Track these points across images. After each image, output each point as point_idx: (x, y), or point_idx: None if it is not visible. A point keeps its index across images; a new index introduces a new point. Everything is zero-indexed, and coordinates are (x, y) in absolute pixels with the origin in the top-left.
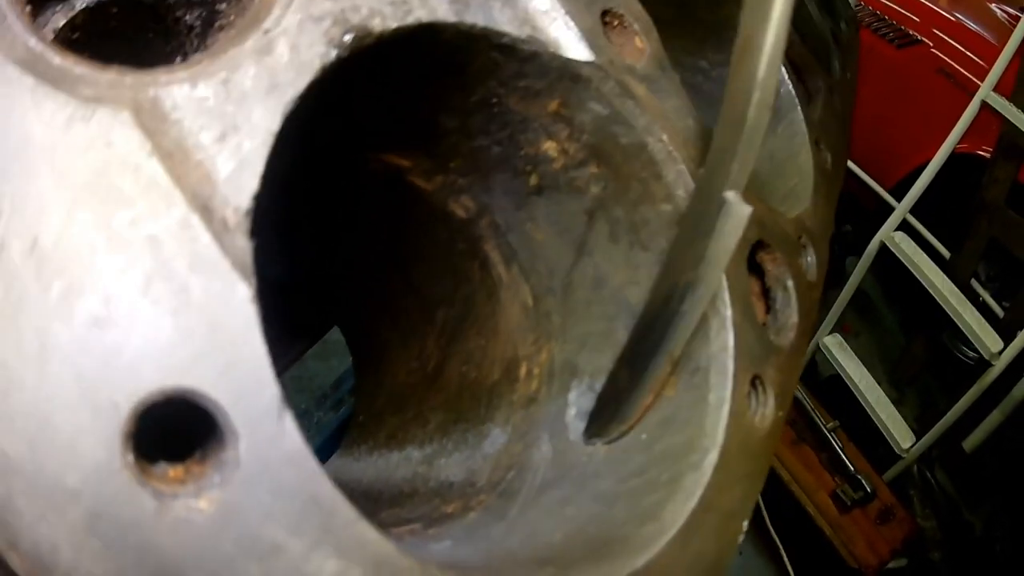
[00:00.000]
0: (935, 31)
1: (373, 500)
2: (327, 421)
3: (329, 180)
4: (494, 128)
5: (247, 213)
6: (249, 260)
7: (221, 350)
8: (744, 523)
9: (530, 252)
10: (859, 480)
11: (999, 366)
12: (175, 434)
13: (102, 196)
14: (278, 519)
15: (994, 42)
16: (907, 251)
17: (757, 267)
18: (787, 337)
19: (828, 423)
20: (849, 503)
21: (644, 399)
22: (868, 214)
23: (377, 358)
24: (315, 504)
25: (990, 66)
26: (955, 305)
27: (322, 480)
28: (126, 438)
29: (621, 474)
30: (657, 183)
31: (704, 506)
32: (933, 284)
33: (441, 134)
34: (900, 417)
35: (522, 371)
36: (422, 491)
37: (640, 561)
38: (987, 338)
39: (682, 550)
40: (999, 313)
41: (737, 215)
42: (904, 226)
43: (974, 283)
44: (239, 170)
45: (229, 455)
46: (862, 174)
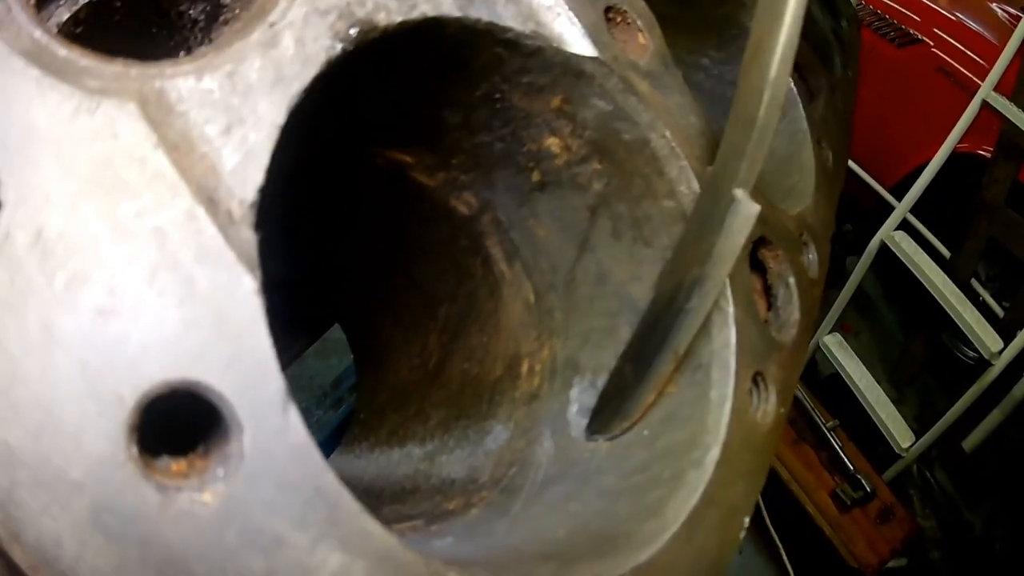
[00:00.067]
0: (936, 30)
1: (375, 497)
2: (327, 419)
3: (332, 175)
4: (497, 124)
5: (252, 206)
6: (254, 252)
7: (226, 342)
8: (746, 519)
9: (532, 248)
10: (859, 479)
11: (999, 366)
12: (178, 426)
13: (107, 187)
14: (282, 512)
15: (995, 41)
16: (907, 250)
17: (759, 264)
18: (789, 334)
19: (828, 422)
20: (849, 502)
21: (648, 396)
22: (868, 213)
23: (379, 355)
24: (320, 497)
25: (991, 65)
26: (955, 305)
27: (327, 473)
28: (130, 431)
29: (624, 470)
30: (660, 179)
31: (706, 502)
32: (933, 284)
33: (444, 130)
34: (900, 416)
35: (524, 368)
36: (424, 488)
37: (643, 556)
38: (987, 338)
39: (685, 545)
40: (999, 313)
41: (745, 213)
42: (904, 225)
43: (974, 283)
44: (244, 163)
45: (233, 448)
46: (862, 173)
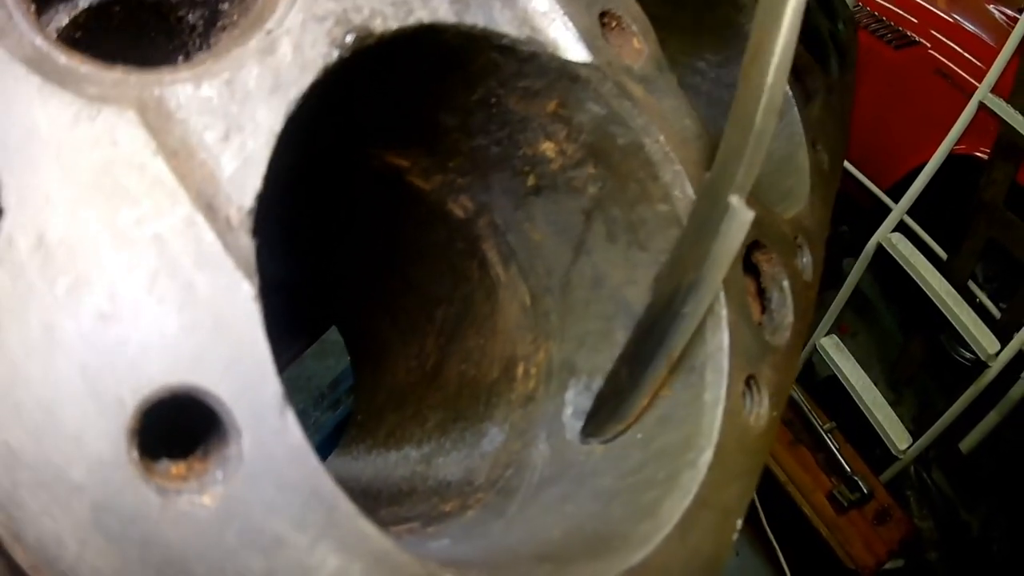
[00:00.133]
0: (933, 32)
1: (372, 499)
2: (324, 421)
3: (329, 179)
4: (493, 128)
5: (250, 212)
6: (252, 258)
7: (225, 347)
8: (739, 520)
9: (528, 252)
10: (856, 481)
11: (996, 367)
12: (178, 429)
13: (108, 194)
14: (281, 513)
15: (992, 43)
16: (904, 252)
17: (753, 267)
18: (783, 337)
19: (825, 424)
20: (846, 504)
21: (642, 399)
22: (865, 214)
23: (376, 357)
24: (317, 499)
25: (988, 67)
26: (952, 306)
27: (323, 476)
28: (131, 434)
29: (619, 472)
30: (654, 183)
31: (700, 503)
32: (930, 285)
33: (440, 133)
34: (897, 418)
35: (520, 370)
36: (421, 489)
37: (637, 557)
38: (984, 339)
39: (679, 546)
40: (996, 314)
41: (740, 219)
42: (901, 227)
43: (971, 284)
44: (243, 169)
45: (232, 451)
46: (859, 175)
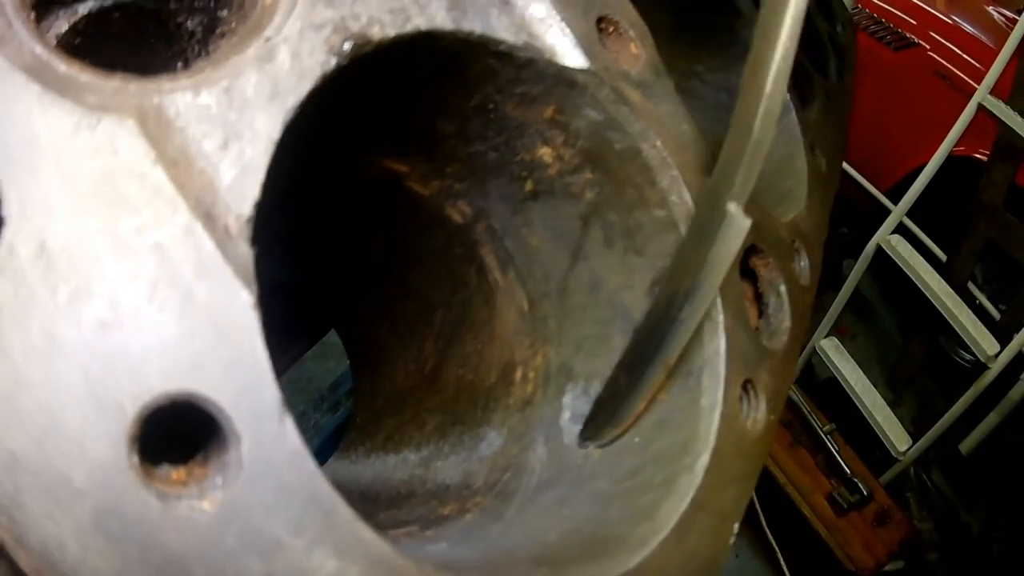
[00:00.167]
0: (932, 34)
1: (371, 502)
2: (325, 423)
3: (328, 184)
4: (491, 134)
5: (249, 220)
6: (251, 267)
7: (224, 355)
8: (736, 524)
9: (526, 257)
10: (855, 483)
11: (995, 369)
12: (178, 435)
13: (108, 203)
14: (279, 518)
15: (991, 45)
16: (903, 254)
17: (750, 272)
18: (780, 341)
19: (824, 426)
20: (845, 506)
21: (639, 404)
22: (865, 216)
23: (375, 361)
24: (315, 504)
25: (987, 69)
26: (951, 308)
27: (321, 481)
28: (131, 440)
29: (616, 475)
30: (651, 189)
31: (697, 506)
32: (929, 287)
33: (438, 139)
34: (896, 420)
35: (518, 374)
36: (419, 493)
37: (634, 560)
38: (983, 341)
39: (675, 549)
40: (995, 316)
41: (737, 227)
42: (901, 229)
43: (971, 286)
44: (241, 177)
45: (231, 457)
46: (859, 177)
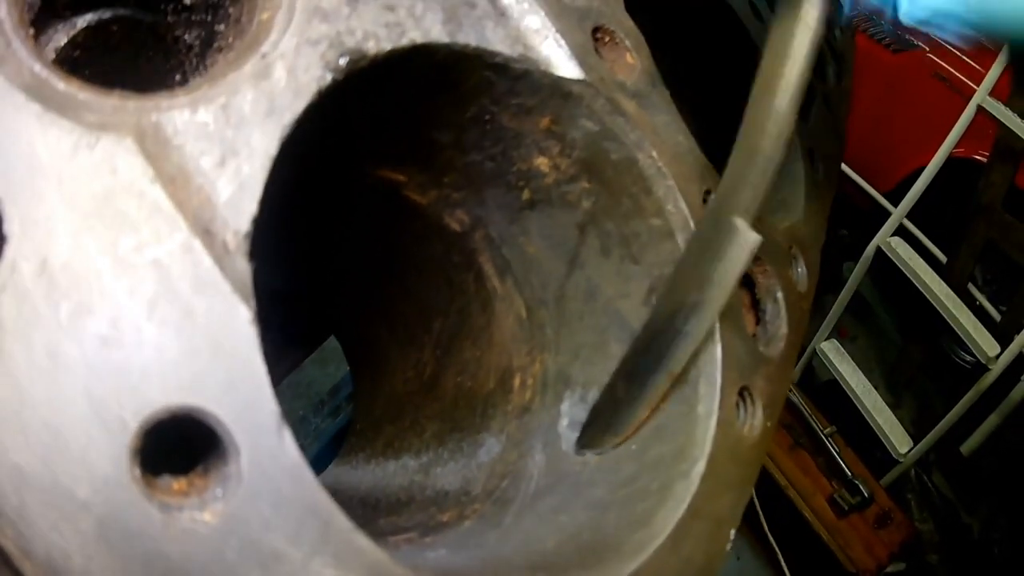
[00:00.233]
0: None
1: (371, 508)
2: (325, 427)
3: (326, 195)
4: (487, 144)
5: (246, 236)
6: (249, 282)
7: (223, 370)
8: (732, 530)
9: (523, 265)
10: (856, 485)
11: (996, 370)
12: (179, 448)
13: (108, 220)
14: (278, 529)
15: (990, 46)
16: (904, 256)
17: (748, 279)
18: (776, 348)
19: (825, 428)
20: (846, 508)
21: (641, 414)
22: (864, 216)
23: (375, 367)
24: (313, 515)
25: (986, 70)
26: (952, 309)
27: (319, 492)
28: (133, 453)
29: (613, 482)
30: (647, 198)
31: (693, 513)
32: (930, 289)
33: (436, 150)
34: (897, 421)
35: (516, 381)
36: (418, 499)
37: (631, 567)
38: (984, 342)
39: (671, 556)
40: (996, 317)
41: (744, 243)
42: (901, 231)
43: (971, 287)
44: (238, 194)
45: (231, 469)
46: (858, 179)
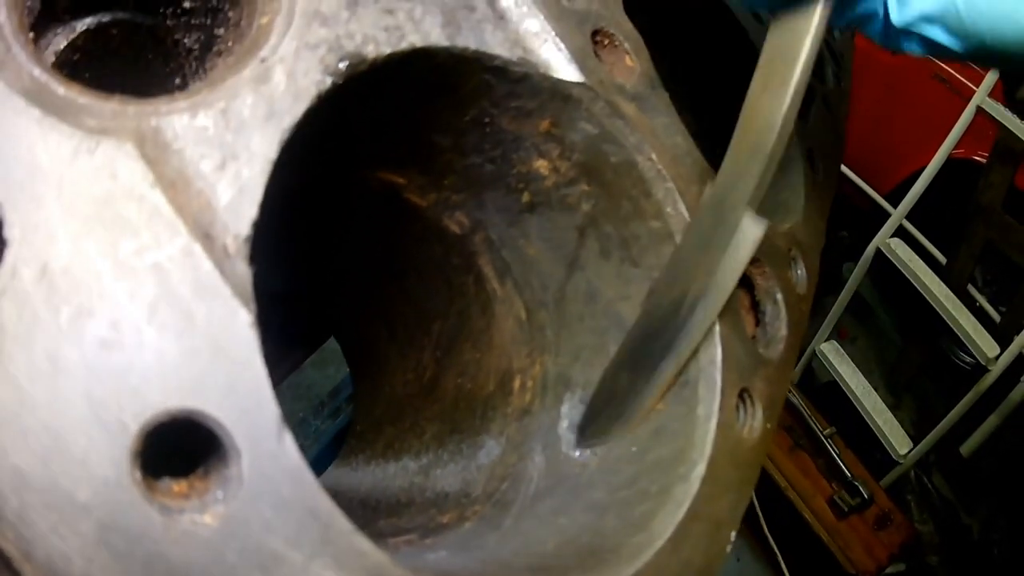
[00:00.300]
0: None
1: (371, 510)
2: (325, 429)
3: (326, 197)
4: (487, 146)
5: (246, 239)
6: (249, 286)
7: (224, 372)
8: (732, 533)
9: (523, 267)
10: (856, 486)
11: (995, 371)
12: (179, 450)
13: (108, 225)
14: (279, 531)
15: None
16: (903, 257)
17: (747, 281)
18: (776, 350)
19: (825, 429)
20: (846, 509)
21: (651, 401)
22: (864, 217)
23: (374, 369)
24: (313, 517)
25: (986, 71)
26: (951, 311)
27: (320, 494)
28: (134, 456)
29: (612, 485)
30: (647, 200)
31: (692, 516)
32: (929, 290)
33: (435, 152)
34: (897, 423)
35: (516, 383)
36: (419, 501)
37: (630, 569)
38: (983, 343)
39: (671, 558)
40: (995, 318)
41: (751, 233)
42: (900, 232)
43: (971, 288)
44: (238, 197)
45: (232, 472)
46: (858, 180)
